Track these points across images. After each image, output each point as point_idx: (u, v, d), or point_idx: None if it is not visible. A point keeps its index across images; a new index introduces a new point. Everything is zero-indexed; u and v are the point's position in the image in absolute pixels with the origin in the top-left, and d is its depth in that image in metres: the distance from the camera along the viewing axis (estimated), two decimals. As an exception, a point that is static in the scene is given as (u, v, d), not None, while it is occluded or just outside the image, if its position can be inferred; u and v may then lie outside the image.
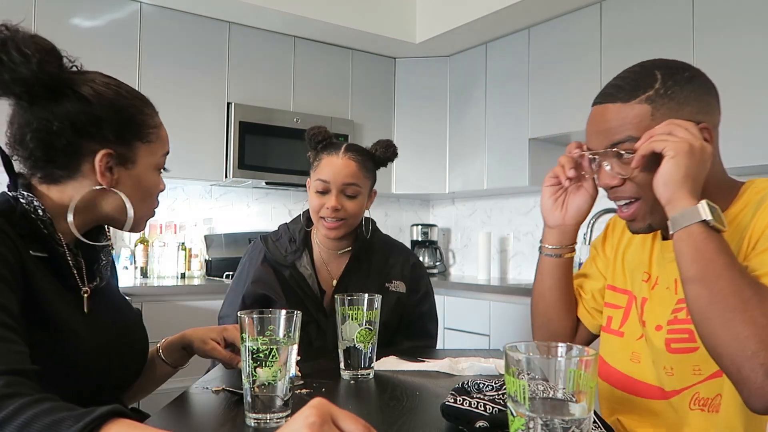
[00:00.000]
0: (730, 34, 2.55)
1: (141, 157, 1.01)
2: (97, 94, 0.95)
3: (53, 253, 0.95)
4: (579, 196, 1.15)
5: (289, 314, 0.90)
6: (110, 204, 1.01)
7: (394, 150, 1.63)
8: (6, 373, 0.69)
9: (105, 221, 1.05)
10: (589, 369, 0.59)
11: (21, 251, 0.88)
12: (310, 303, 1.55)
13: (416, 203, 4.48)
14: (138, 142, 1.00)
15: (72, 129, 0.92)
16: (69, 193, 0.97)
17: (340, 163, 1.54)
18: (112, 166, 0.98)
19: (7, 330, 0.77)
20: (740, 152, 2.51)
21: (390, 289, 1.60)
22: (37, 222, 0.92)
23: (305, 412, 0.59)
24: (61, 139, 0.92)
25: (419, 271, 1.69)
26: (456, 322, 3.31)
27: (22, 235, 0.91)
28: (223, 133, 3.37)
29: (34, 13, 2.90)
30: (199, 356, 1.19)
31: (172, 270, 3.31)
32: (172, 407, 0.98)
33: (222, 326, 1.22)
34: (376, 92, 3.96)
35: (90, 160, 0.96)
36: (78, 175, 0.96)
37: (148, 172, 1.03)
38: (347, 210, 1.53)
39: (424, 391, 1.11)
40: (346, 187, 1.54)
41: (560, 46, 3.26)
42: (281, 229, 1.68)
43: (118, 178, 0.99)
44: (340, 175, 1.53)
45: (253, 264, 1.61)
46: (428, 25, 3.68)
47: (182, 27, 3.27)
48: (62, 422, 0.61)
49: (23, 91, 0.89)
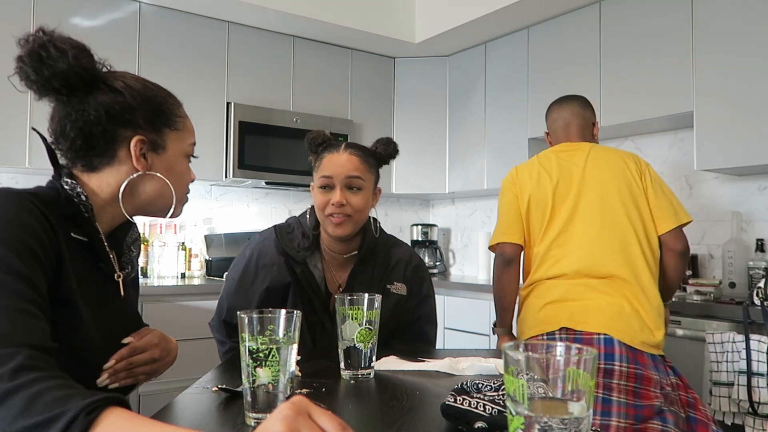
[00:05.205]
0: (730, 33, 2.55)
1: (171, 144, 1.08)
2: (127, 86, 1.03)
3: (93, 237, 1.02)
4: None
5: (288, 314, 0.90)
6: (149, 189, 1.07)
7: (395, 147, 1.60)
8: (30, 347, 0.75)
9: (145, 209, 1.10)
10: (588, 368, 0.59)
11: (59, 232, 0.94)
12: (318, 304, 1.53)
13: (416, 203, 4.48)
14: (167, 129, 1.07)
15: (107, 116, 1.00)
16: (108, 180, 1.04)
17: (343, 158, 1.51)
18: (145, 152, 1.04)
19: (35, 307, 0.82)
20: (740, 152, 2.51)
21: (391, 290, 1.58)
22: (79, 206, 1.00)
23: (281, 407, 0.61)
24: (98, 127, 1.00)
25: (421, 273, 1.66)
26: (456, 322, 3.31)
27: (66, 217, 0.98)
28: (222, 133, 3.37)
29: (34, 13, 2.91)
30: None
31: (173, 270, 3.31)
32: (171, 407, 0.98)
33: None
34: (375, 92, 3.96)
35: (125, 146, 1.03)
36: (115, 162, 1.03)
37: (179, 159, 1.10)
38: (352, 205, 1.50)
39: (424, 391, 1.11)
40: (350, 180, 1.50)
41: (560, 46, 3.27)
42: (293, 222, 1.63)
43: (152, 164, 1.06)
44: (343, 169, 1.50)
45: (265, 258, 1.54)
46: (428, 25, 3.68)
47: (182, 27, 3.28)
48: (71, 397, 0.66)
49: (62, 85, 0.97)
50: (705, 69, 2.63)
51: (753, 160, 2.48)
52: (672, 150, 3.12)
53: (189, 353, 2.86)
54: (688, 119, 2.75)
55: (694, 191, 3.02)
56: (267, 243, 1.58)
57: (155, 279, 3.24)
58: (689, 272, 2.91)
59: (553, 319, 1.76)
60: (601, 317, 1.70)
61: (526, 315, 1.86)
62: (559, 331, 1.73)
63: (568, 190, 1.87)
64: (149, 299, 2.79)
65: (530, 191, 1.92)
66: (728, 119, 2.55)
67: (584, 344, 1.63)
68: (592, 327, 1.70)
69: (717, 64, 2.59)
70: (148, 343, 1.11)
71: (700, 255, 2.97)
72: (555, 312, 1.76)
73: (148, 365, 1.10)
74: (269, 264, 1.54)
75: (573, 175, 1.88)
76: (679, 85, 2.72)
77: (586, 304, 1.74)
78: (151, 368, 1.12)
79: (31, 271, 0.84)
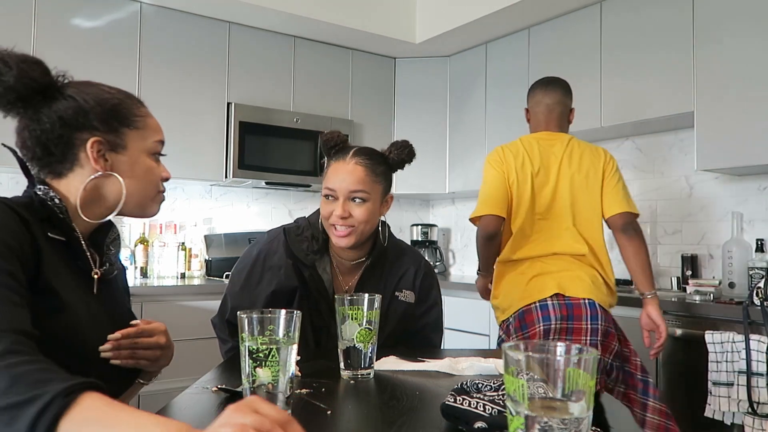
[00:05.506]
0: (730, 33, 2.55)
1: (131, 143, 1.10)
2: (80, 92, 1.06)
3: (69, 236, 1.05)
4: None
5: (288, 314, 0.90)
6: (115, 188, 1.09)
7: (410, 151, 1.53)
8: (15, 332, 0.79)
9: (115, 209, 1.12)
10: (589, 368, 0.59)
11: (35, 230, 0.98)
12: (325, 308, 1.51)
13: (416, 203, 4.48)
14: (125, 129, 1.09)
15: (61, 122, 1.03)
16: (75, 185, 1.07)
17: (346, 170, 1.46)
18: (104, 152, 1.07)
19: (16, 294, 0.86)
20: (740, 152, 2.51)
21: (399, 298, 1.56)
22: (53, 209, 1.04)
23: (226, 410, 0.65)
24: (54, 133, 1.03)
25: (430, 281, 1.64)
26: (456, 322, 3.31)
27: (42, 219, 1.02)
28: (223, 133, 3.37)
29: (35, 13, 2.90)
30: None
31: (172, 270, 3.31)
32: (171, 407, 0.98)
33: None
34: (376, 92, 3.96)
35: (84, 149, 1.05)
36: (76, 166, 1.06)
37: (141, 157, 1.11)
38: (356, 217, 1.46)
39: (424, 391, 1.11)
40: (353, 194, 1.46)
41: (560, 46, 3.27)
42: (302, 224, 1.58)
43: (113, 164, 1.08)
44: (345, 182, 1.45)
45: (272, 259, 1.53)
46: (428, 25, 3.68)
47: (182, 27, 3.28)
48: (51, 381, 0.68)
49: (16, 98, 1.01)
50: (705, 69, 2.63)
51: (753, 160, 2.48)
52: (672, 150, 3.12)
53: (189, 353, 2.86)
54: (688, 119, 2.75)
55: (694, 191, 3.02)
56: (275, 244, 1.56)
57: (155, 279, 3.24)
58: (689, 272, 2.91)
59: (544, 287, 1.98)
60: (584, 284, 1.98)
61: (513, 289, 2.06)
62: (551, 298, 1.95)
63: (547, 179, 2.12)
64: (149, 299, 2.79)
65: (515, 172, 2.13)
66: (728, 119, 2.55)
67: (573, 308, 1.90)
68: (579, 293, 1.95)
69: (717, 64, 2.59)
70: (155, 328, 1.14)
71: (700, 255, 2.97)
72: (543, 282, 1.99)
73: (151, 350, 1.12)
74: (276, 266, 1.52)
75: (551, 165, 2.13)
76: (679, 86, 2.72)
77: (570, 274, 2.00)
78: (154, 354, 1.13)
79: (10, 264, 0.88)
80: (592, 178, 2.11)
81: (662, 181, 3.16)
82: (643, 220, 3.24)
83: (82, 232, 1.08)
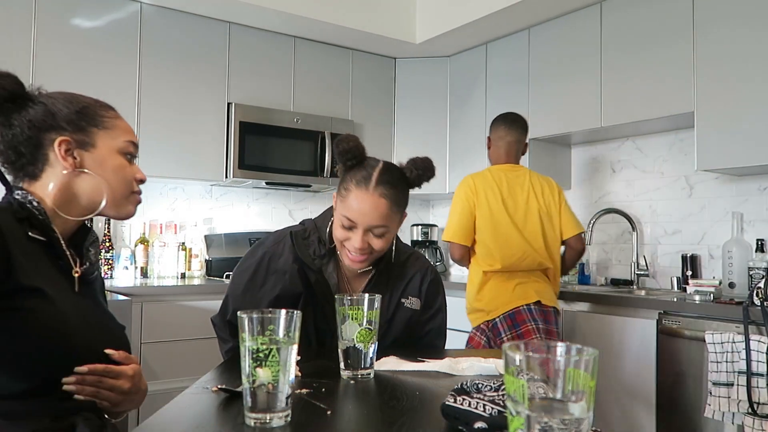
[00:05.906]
0: (730, 33, 2.55)
1: (100, 141, 1.13)
2: (49, 97, 1.12)
3: (50, 236, 1.09)
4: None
5: (289, 314, 0.90)
6: (87, 187, 1.12)
7: (431, 172, 1.45)
8: None
9: (94, 209, 1.15)
10: (589, 369, 0.59)
11: (14, 231, 1.03)
12: (330, 311, 1.46)
13: (416, 203, 4.48)
14: (94, 128, 1.13)
15: (30, 125, 1.09)
16: (48, 185, 1.11)
17: (371, 203, 1.37)
18: (72, 151, 1.10)
19: None
20: (740, 152, 2.51)
21: (405, 305, 1.55)
22: (32, 210, 1.08)
23: None
24: (23, 136, 1.09)
25: (436, 287, 1.63)
26: (456, 322, 3.30)
27: (21, 220, 1.06)
28: (223, 133, 3.37)
29: (35, 13, 2.90)
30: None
31: (173, 270, 3.31)
32: (171, 407, 0.98)
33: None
34: (376, 92, 3.96)
35: (52, 148, 1.10)
36: (47, 166, 1.10)
37: (111, 155, 1.14)
38: (374, 247, 1.41)
39: (424, 391, 1.11)
40: (374, 228, 1.39)
41: (560, 46, 3.27)
42: (309, 227, 1.54)
43: (82, 161, 1.11)
44: (367, 217, 1.37)
45: (277, 263, 1.50)
46: (428, 25, 3.68)
47: (182, 27, 3.28)
48: None
49: None
50: (705, 69, 2.63)
51: (753, 160, 2.48)
52: (672, 150, 3.12)
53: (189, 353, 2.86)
54: (688, 119, 2.75)
55: (694, 191, 3.02)
56: (281, 247, 1.52)
57: (155, 279, 3.24)
58: (689, 272, 2.91)
59: (526, 294, 2.43)
60: (550, 295, 2.50)
61: (498, 293, 2.48)
62: (534, 304, 2.42)
63: (516, 207, 2.54)
64: (149, 299, 2.79)
65: (486, 201, 2.52)
66: (728, 119, 2.55)
67: (547, 315, 2.43)
68: (548, 302, 2.45)
69: (717, 64, 2.59)
70: (123, 371, 1.10)
71: (700, 255, 2.97)
72: (525, 290, 2.45)
73: (114, 393, 1.08)
74: (281, 270, 1.49)
75: (518, 196, 2.55)
76: (679, 86, 2.72)
77: (542, 286, 2.49)
78: (116, 398, 1.09)
79: None
80: (552, 206, 2.57)
81: (662, 181, 3.16)
82: (644, 220, 3.24)
83: (62, 233, 1.11)
